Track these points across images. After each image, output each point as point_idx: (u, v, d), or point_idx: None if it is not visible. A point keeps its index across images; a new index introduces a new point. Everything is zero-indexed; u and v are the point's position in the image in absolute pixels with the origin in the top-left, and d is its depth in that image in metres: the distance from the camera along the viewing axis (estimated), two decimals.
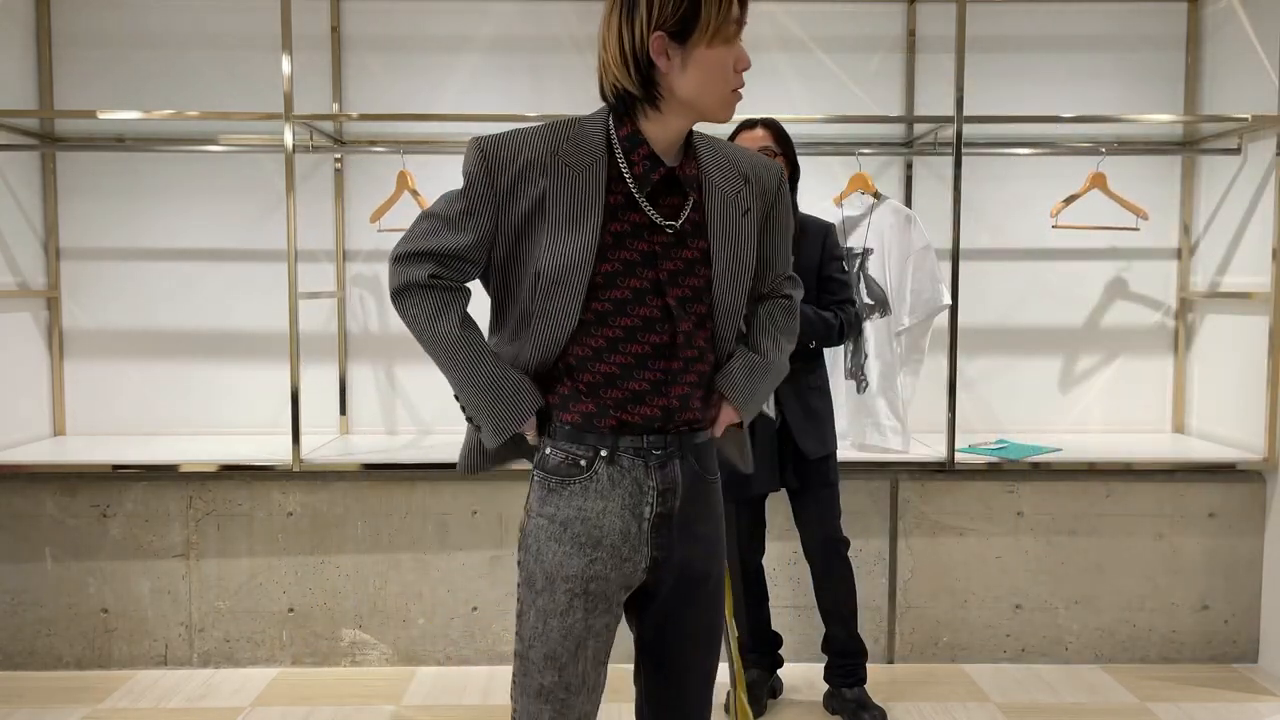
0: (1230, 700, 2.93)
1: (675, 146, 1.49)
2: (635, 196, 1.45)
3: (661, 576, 1.52)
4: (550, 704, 1.49)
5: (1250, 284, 3.23)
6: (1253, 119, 3.05)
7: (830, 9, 3.49)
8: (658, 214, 1.46)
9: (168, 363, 3.51)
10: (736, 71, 1.42)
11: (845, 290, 2.73)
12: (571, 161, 1.44)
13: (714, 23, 1.37)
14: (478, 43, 3.48)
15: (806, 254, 2.67)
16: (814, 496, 2.73)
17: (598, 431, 1.47)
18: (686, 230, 1.48)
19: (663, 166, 1.47)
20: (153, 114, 3.09)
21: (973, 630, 3.20)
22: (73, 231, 3.47)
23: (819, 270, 2.69)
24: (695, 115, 1.45)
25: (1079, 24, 3.51)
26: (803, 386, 2.70)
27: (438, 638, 3.18)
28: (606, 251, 1.44)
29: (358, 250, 3.52)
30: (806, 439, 2.68)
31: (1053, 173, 3.52)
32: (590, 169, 1.44)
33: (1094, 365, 3.61)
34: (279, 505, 3.13)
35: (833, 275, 2.71)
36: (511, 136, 1.46)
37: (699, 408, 1.52)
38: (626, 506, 1.48)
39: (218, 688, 3.02)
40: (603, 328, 1.44)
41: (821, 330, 2.64)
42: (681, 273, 1.47)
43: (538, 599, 1.49)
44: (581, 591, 1.47)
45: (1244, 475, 3.16)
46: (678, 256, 1.47)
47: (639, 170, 1.46)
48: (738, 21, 1.40)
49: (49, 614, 3.13)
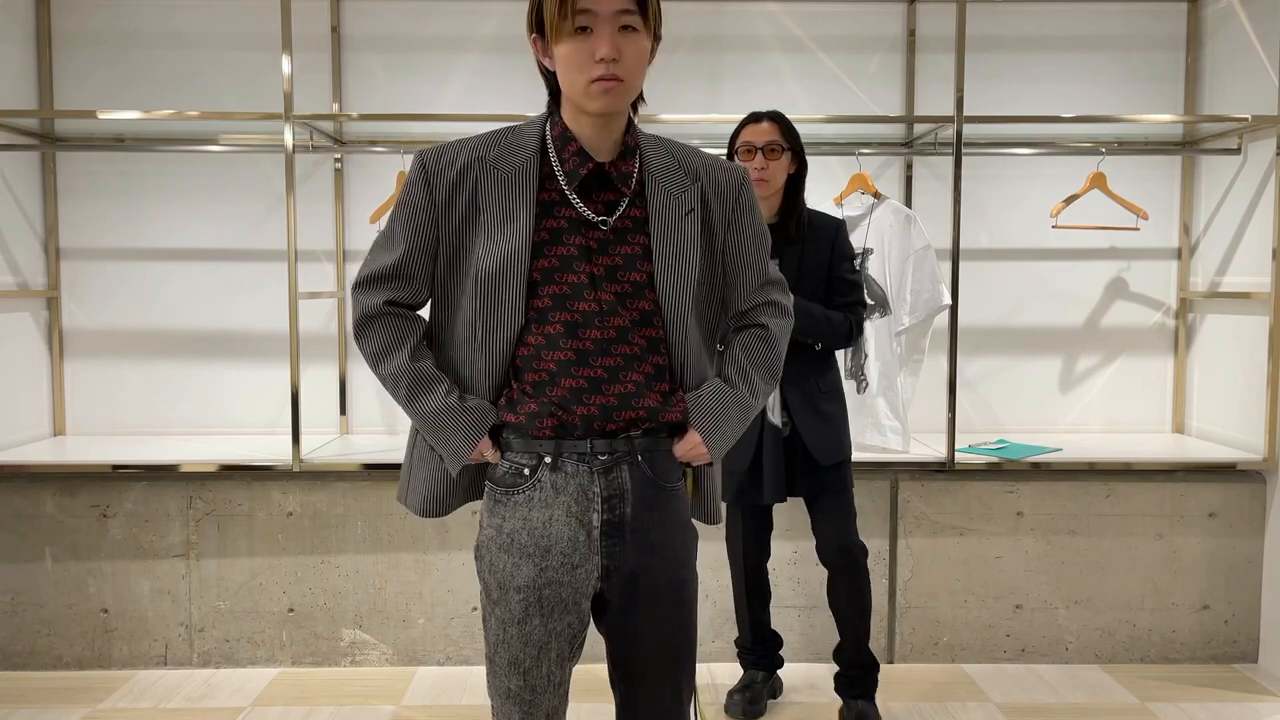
0: (1230, 700, 2.93)
1: (608, 143, 1.50)
2: (566, 192, 1.48)
3: (614, 585, 1.50)
4: (519, 705, 1.52)
5: (1250, 284, 3.23)
6: (1253, 119, 3.06)
7: (830, 9, 3.49)
8: (589, 209, 1.48)
9: (168, 363, 3.51)
10: (595, 62, 1.40)
11: (855, 291, 2.64)
12: (503, 163, 1.48)
13: (553, 18, 1.40)
14: (478, 43, 3.48)
15: (815, 252, 2.59)
16: (828, 504, 2.65)
17: (542, 438, 1.47)
18: (626, 226, 1.49)
19: (591, 162, 1.48)
20: (153, 114, 3.09)
21: (973, 630, 3.20)
22: (73, 231, 3.47)
23: (828, 270, 2.61)
24: (580, 109, 1.47)
25: (1079, 24, 3.51)
26: (813, 389, 2.62)
27: (438, 638, 3.18)
28: (543, 247, 1.46)
29: (358, 250, 3.52)
30: (819, 445, 2.59)
31: (1053, 173, 3.52)
32: (522, 168, 1.48)
33: (1094, 365, 3.61)
34: (279, 505, 3.13)
35: (843, 275, 2.62)
36: (449, 146, 1.51)
37: (647, 407, 1.49)
38: (573, 514, 1.47)
39: (218, 688, 3.02)
40: (544, 324, 1.46)
41: (826, 331, 2.56)
42: (620, 268, 1.48)
43: (495, 608, 1.51)
44: (536, 600, 1.48)
45: (1244, 475, 3.16)
46: (616, 252, 1.48)
47: (569, 166, 1.48)
48: (584, 13, 1.38)
49: (49, 614, 3.13)
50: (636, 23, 1.41)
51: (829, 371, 2.67)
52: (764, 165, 2.51)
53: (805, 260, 2.57)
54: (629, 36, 1.41)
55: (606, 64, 1.39)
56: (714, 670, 3.13)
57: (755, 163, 2.51)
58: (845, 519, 2.66)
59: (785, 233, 2.56)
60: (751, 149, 2.53)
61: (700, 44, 3.49)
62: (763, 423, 2.59)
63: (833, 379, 2.68)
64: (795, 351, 2.44)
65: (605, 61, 1.39)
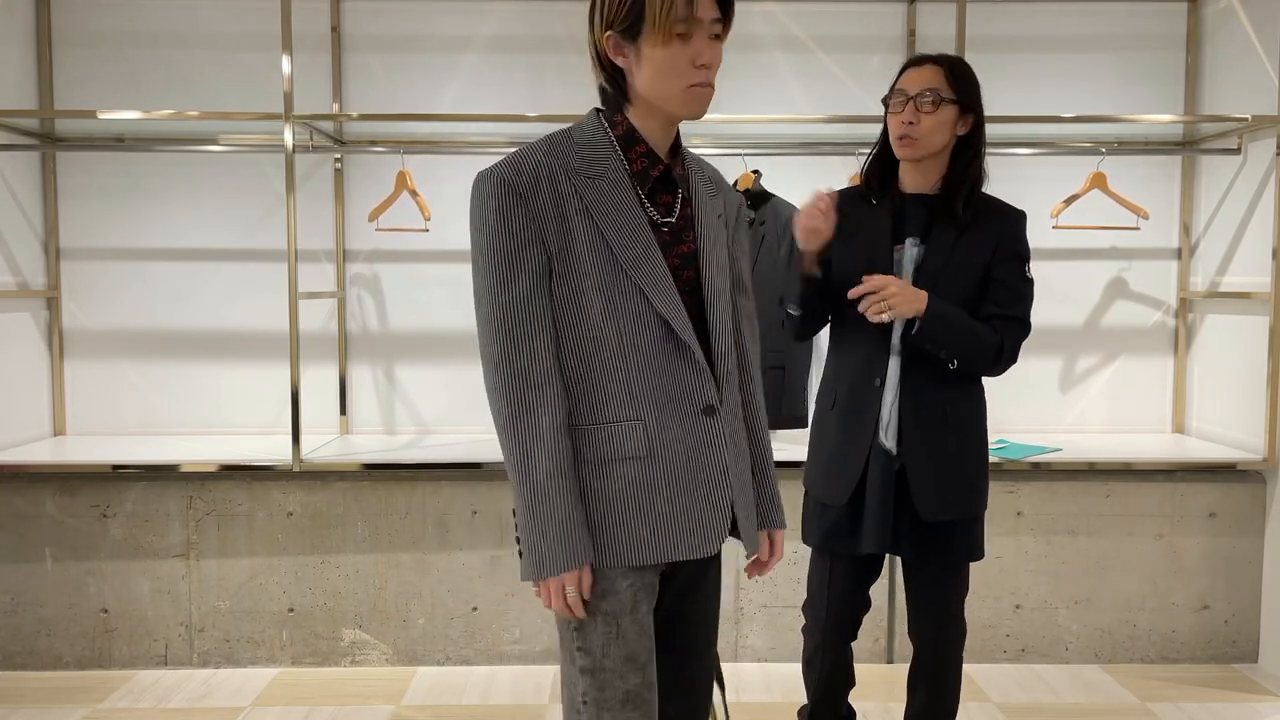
0: (1230, 700, 2.93)
1: (667, 144, 1.51)
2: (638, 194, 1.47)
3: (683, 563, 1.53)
4: (639, 709, 1.44)
5: (1250, 284, 3.23)
6: (1253, 119, 3.05)
7: (830, 9, 3.49)
8: (655, 210, 1.48)
9: (168, 363, 3.51)
10: (696, 67, 1.41)
11: (1018, 305, 2.04)
12: (594, 170, 1.45)
13: (660, 21, 1.38)
14: (478, 43, 3.48)
15: (975, 242, 2.03)
16: (925, 578, 2.10)
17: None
18: (681, 225, 1.51)
19: (662, 164, 1.48)
20: (153, 114, 3.09)
21: (973, 630, 3.19)
22: (73, 231, 3.47)
23: (987, 268, 2.04)
24: (662, 113, 1.46)
25: (1079, 24, 3.51)
26: (935, 416, 2.02)
27: (438, 638, 3.18)
28: None
29: (358, 250, 3.52)
30: (923, 492, 2.00)
31: (1053, 173, 3.52)
32: (607, 167, 1.46)
33: (1094, 365, 3.61)
34: (279, 505, 3.13)
35: (1005, 279, 2.04)
36: (518, 162, 1.43)
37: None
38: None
39: (218, 688, 3.02)
40: None
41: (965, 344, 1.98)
42: (679, 268, 1.49)
43: (600, 603, 1.44)
44: (641, 584, 1.47)
45: (1244, 475, 3.16)
46: (674, 253, 1.49)
47: (638, 167, 1.48)
48: (688, 20, 1.39)
49: (49, 614, 3.13)
50: (722, 31, 1.44)
51: (967, 397, 2.09)
52: (914, 119, 1.98)
53: (961, 250, 2.02)
54: (717, 45, 1.44)
55: (707, 70, 1.42)
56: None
57: (904, 115, 1.99)
58: (945, 605, 2.10)
59: (948, 210, 2.02)
60: (904, 98, 2.01)
61: None
62: (870, 449, 2.03)
63: (970, 408, 2.09)
64: (924, 362, 2.02)
65: (706, 67, 1.42)
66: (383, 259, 3.52)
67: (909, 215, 2.05)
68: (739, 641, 3.18)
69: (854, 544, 2.06)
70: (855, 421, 2.05)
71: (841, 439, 2.07)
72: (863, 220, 2.07)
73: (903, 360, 2.02)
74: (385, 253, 3.51)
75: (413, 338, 3.54)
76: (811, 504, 2.16)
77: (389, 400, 3.56)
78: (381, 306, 3.55)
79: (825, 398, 2.15)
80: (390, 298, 3.53)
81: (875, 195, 2.09)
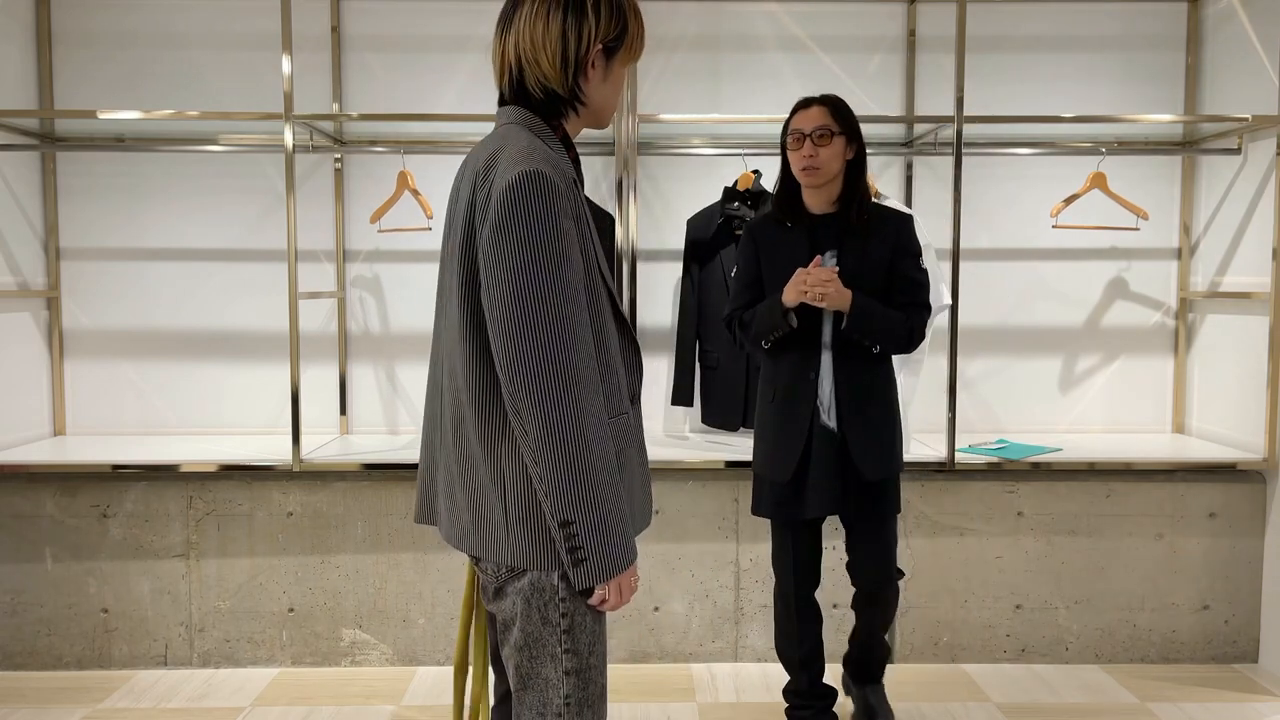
0: (1230, 700, 2.93)
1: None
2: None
3: None
4: (605, 702, 1.52)
5: (1250, 284, 3.23)
6: (1253, 119, 3.05)
7: (830, 9, 3.49)
8: None
9: (168, 363, 3.52)
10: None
11: (919, 292, 2.45)
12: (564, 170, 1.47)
13: (635, 43, 1.51)
14: (478, 43, 3.48)
15: (878, 245, 2.42)
16: (869, 529, 2.49)
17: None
18: None
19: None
20: (153, 114, 3.09)
21: (973, 630, 3.20)
22: (73, 231, 3.47)
23: (890, 265, 2.43)
24: (593, 122, 1.57)
25: (1079, 24, 3.51)
26: (863, 395, 2.43)
27: (438, 638, 3.18)
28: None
29: (358, 250, 3.52)
30: (865, 458, 2.41)
31: (1053, 173, 3.52)
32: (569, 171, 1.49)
33: (1094, 365, 3.61)
34: (279, 505, 3.13)
35: (905, 272, 2.44)
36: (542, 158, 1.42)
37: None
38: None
39: (218, 688, 3.02)
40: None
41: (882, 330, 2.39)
42: None
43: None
44: None
45: (1244, 475, 3.16)
46: None
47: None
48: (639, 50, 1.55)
49: (49, 614, 3.13)
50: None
51: (884, 377, 2.49)
52: (813, 152, 2.37)
53: (867, 254, 2.42)
54: None
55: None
56: (714, 670, 3.13)
57: (804, 150, 2.38)
58: (886, 547, 2.50)
59: (845, 221, 2.44)
60: (800, 136, 2.39)
61: (700, 44, 3.49)
62: (811, 427, 2.43)
63: (887, 385, 2.49)
64: (852, 352, 2.42)
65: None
66: (383, 259, 3.52)
67: (820, 232, 2.46)
68: (739, 641, 3.18)
69: (800, 510, 2.46)
70: (793, 410, 2.45)
71: (783, 425, 2.46)
72: (783, 241, 2.49)
73: (834, 353, 2.43)
74: (385, 253, 3.51)
75: (413, 338, 3.54)
76: (759, 482, 2.55)
77: (389, 400, 3.56)
78: (382, 306, 3.55)
79: (765, 393, 2.53)
80: (390, 298, 3.54)
81: (789, 219, 2.49)
